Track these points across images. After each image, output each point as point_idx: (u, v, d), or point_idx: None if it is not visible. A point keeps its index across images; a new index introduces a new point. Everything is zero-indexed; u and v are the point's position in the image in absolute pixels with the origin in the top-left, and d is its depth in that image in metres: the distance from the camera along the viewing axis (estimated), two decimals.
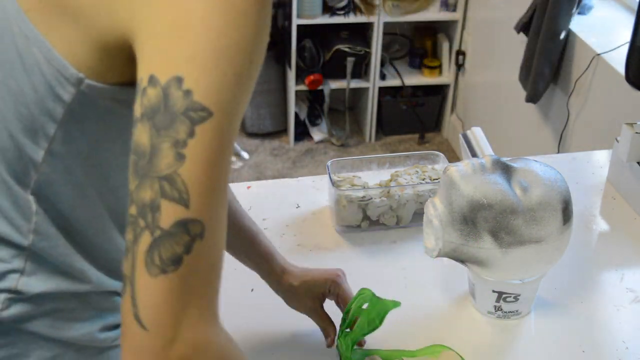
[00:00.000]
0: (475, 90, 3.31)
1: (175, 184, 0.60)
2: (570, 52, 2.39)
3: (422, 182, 1.28)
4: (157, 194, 0.60)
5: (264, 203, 1.33)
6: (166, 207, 0.60)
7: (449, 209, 1.01)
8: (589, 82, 2.29)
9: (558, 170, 1.05)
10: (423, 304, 1.13)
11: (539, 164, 1.05)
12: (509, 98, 2.88)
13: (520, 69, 2.54)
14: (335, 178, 1.27)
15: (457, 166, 1.03)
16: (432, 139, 3.58)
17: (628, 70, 2.00)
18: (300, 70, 3.30)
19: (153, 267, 0.60)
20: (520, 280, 1.06)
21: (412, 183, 1.27)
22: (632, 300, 1.14)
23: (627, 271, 1.20)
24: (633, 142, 1.31)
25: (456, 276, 1.17)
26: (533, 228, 0.99)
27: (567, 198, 1.02)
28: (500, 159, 1.03)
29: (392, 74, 3.44)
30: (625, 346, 1.06)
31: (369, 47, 3.28)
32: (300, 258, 1.20)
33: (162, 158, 0.60)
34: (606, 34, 2.32)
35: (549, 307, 1.12)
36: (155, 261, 0.60)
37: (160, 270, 0.60)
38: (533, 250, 1.00)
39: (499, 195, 0.99)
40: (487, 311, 1.10)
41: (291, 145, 3.44)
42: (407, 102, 3.46)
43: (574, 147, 2.41)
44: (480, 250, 1.00)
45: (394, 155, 1.38)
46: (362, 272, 1.19)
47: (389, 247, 1.25)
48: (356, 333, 0.99)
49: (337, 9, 3.19)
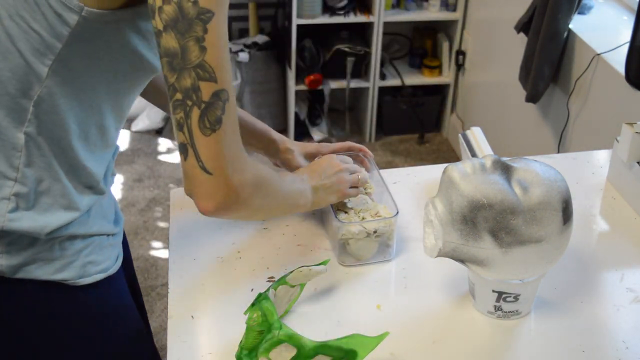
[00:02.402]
0: (475, 90, 3.31)
1: (205, 68, 0.85)
2: (570, 52, 2.39)
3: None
4: (195, 79, 0.85)
5: None
6: (204, 86, 0.86)
7: (449, 209, 1.01)
8: (589, 82, 2.29)
9: (558, 170, 1.05)
10: (423, 304, 1.13)
11: (539, 164, 1.05)
12: (509, 98, 2.88)
13: (520, 69, 2.54)
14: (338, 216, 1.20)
15: (457, 166, 1.03)
16: (432, 139, 3.58)
17: (628, 70, 2.01)
18: (300, 70, 3.30)
19: (205, 130, 0.87)
20: (520, 280, 1.06)
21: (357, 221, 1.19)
22: (632, 300, 1.14)
23: (627, 271, 1.20)
24: (633, 142, 1.31)
25: (456, 276, 1.17)
26: (533, 228, 0.99)
27: (567, 198, 1.02)
28: (500, 159, 1.03)
29: (392, 74, 3.45)
30: (625, 346, 1.06)
31: (369, 47, 3.28)
32: (301, 258, 1.21)
33: (191, 52, 0.85)
34: (606, 34, 2.33)
35: (549, 307, 1.12)
36: (207, 124, 0.87)
37: (211, 130, 0.87)
38: (533, 250, 1.00)
39: (499, 195, 0.99)
40: (487, 311, 1.10)
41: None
42: (407, 102, 3.47)
43: (574, 147, 2.41)
44: (480, 250, 1.00)
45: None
46: (362, 272, 1.19)
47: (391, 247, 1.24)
48: None
49: (337, 9, 3.19)
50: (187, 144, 0.88)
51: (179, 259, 1.20)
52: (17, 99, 0.92)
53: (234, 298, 1.12)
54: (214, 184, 0.89)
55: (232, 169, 0.90)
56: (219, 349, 1.04)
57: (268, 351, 0.94)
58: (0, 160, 0.95)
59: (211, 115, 0.87)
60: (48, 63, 0.91)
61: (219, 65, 0.86)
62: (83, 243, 1.03)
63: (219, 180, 0.89)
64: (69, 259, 1.02)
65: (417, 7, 3.34)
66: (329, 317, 1.10)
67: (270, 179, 1.00)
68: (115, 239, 1.11)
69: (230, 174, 0.90)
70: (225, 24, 0.88)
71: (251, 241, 1.24)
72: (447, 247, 1.02)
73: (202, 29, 0.84)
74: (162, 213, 2.89)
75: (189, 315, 1.10)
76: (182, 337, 1.06)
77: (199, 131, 0.87)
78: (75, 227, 1.01)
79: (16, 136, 0.94)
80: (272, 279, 1.16)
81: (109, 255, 1.08)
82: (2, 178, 0.95)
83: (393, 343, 1.03)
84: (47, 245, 1.00)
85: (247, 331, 0.96)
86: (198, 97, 0.86)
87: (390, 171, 1.43)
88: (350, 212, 1.20)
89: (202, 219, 1.29)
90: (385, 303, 1.13)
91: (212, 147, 0.88)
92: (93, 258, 1.05)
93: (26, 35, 0.90)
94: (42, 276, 1.00)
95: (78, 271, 1.03)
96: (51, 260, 1.01)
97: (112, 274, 1.09)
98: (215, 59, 0.86)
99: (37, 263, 1.00)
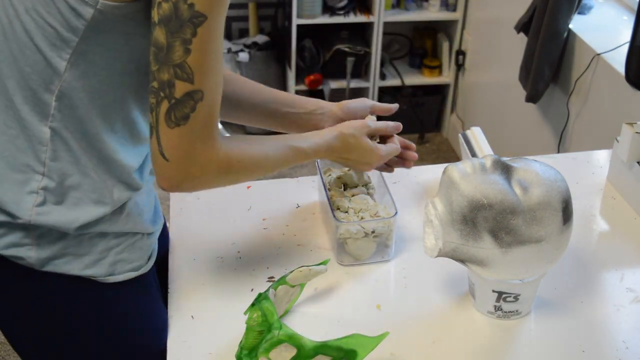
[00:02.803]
0: (475, 90, 3.31)
1: (184, 69, 0.88)
2: (570, 52, 2.39)
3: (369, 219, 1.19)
4: (172, 76, 0.89)
5: (264, 203, 1.33)
6: (178, 84, 0.89)
7: (449, 209, 1.01)
8: (589, 82, 2.29)
9: (558, 170, 1.05)
10: (423, 304, 1.13)
11: (539, 163, 1.05)
12: (509, 98, 2.88)
13: (520, 69, 2.54)
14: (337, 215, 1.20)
15: (457, 166, 1.03)
16: (432, 139, 3.58)
17: (628, 70, 2.01)
18: (300, 70, 3.30)
19: (170, 122, 0.90)
20: (520, 280, 1.06)
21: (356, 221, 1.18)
22: (632, 300, 1.14)
23: (627, 271, 1.20)
24: (633, 142, 1.31)
25: (456, 276, 1.17)
26: (533, 228, 0.99)
27: (567, 198, 1.02)
28: (500, 159, 1.03)
29: (392, 74, 3.44)
30: (625, 346, 1.06)
31: (369, 47, 3.28)
32: (300, 258, 1.21)
33: (175, 52, 0.88)
34: (606, 34, 2.32)
35: (549, 307, 1.12)
36: (172, 119, 0.90)
37: (175, 124, 0.90)
38: (533, 250, 1.00)
39: (499, 195, 0.99)
40: (487, 311, 1.10)
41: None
42: (407, 102, 3.46)
43: (574, 147, 2.41)
44: (480, 250, 1.00)
45: None
46: (362, 272, 1.19)
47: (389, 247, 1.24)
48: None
49: (337, 9, 3.19)
50: (153, 127, 0.92)
51: (179, 259, 1.20)
52: (39, 93, 0.94)
53: (234, 298, 1.12)
54: (171, 170, 0.93)
55: (191, 163, 0.93)
56: (219, 349, 1.04)
57: (268, 351, 0.94)
58: (29, 154, 0.96)
59: (178, 111, 0.90)
60: (66, 57, 0.92)
61: (200, 69, 0.89)
62: (115, 240, 1.04)
63: (176, 169, 0.93)
64: (99, 256, 1.03)
65: (417, 7, 3.34)
66: (329, 317, 1.10)
67: (248, 164, 1.00)
68: (151, 238, 1.10)
69: (189, 167, 0.93)
70: (220, 30, 0.90)
71: (251, 241, 1.24)
72: (447, 247, 1.02)
73: (191, 32, 0.87)
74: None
75: (189, 315, 1.10)
76: (182, 337, 1.06)
77: (164, 122, 0.90)
78: (107, 224, 1.02)
79: (41, 130, 0.96)
80: (272, 279, 1.16)
81: (142, 255, 1.08)
82: (31, 172, 0.97)
83: (393, 343, 1.03)
84: (76, 240, 1.00)
85: (247, 331, 0.96)
86: (170, 93, 0.89)
87: None
88: (349, 212, 1.20)
89: (202, 218, 1.30)
90: (385, 303, 1.13)
91: (174, 139, 0.91)
92: (125, 256, 1.05)
93: (42, 30, 0.91)
94: (70, 271, 1.01)
95: (108, 268, 1.03)
96: (80, 256, 1.01)
97: (144, 273, 1.08)
98: (198, 63, 0.88)
99: (66, 257, 1.00)
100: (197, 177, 0.95)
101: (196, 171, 0.94)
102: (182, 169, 0.93)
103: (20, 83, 0.94)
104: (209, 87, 0.91)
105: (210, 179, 0.97)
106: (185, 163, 0.92)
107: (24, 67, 0.93)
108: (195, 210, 1.32)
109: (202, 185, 0.97)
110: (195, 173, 0.94)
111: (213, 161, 0.95)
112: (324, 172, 1.30)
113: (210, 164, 0.95)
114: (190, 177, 0.94)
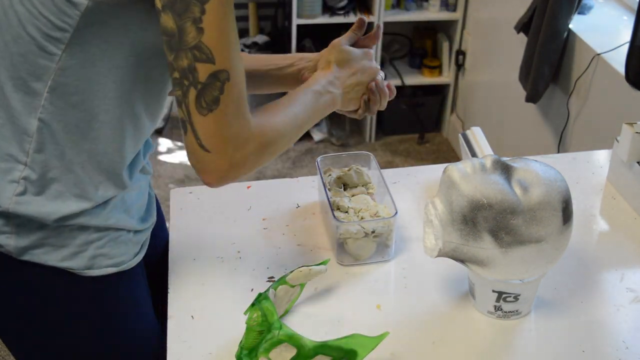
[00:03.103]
0: (475, 90, 3.31)
1: (201, 49, 0.85)
2: (570, 52, 2.39)
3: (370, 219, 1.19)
4: (191, 60, 0.86)
5: (264, 203, 1.33)
6: (200, 67, 0.86)
7: (449, 209, 1.01)
8: (589, 82, 2.29)
9: (558, 170, 1.05)
10: (423, 304, 1.13)
11: (539, 163, 1.05)
12: (509, 98, 2.88)
13: (520, 69, 2.54)
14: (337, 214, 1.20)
15: (457, 166, 1.03)
16: (432, 139, 3.58)
17: (628, 70, 2.01)
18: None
19: (202, 109, 0.87)
20: (520, 280, 1.06)
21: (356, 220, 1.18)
22: (632, 300, 1.14)
23: (627, 271, 1.20)
24: (633, 142, 1.31)
25: (456, 276, 1.17)
26: (533, 228, 0.99)
27: (567, 198, 1.02)
28: (500, 159, 1.03)
29: (392, 74, 3.44)
30: (625, 346, 1.06)
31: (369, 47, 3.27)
32: (301, 258, 1.20)
33: (188, 34, 0.85)
34: (606, 34, 2.33)
35: (549, 307, 1.12)
36: (203, 105, 0.87)
37: (208, 110, 0.87)
38: (533, 250, 1.00)
39: (499, 195, 0.99)
40: (487, 311, 1.10)
41: (291, 145, 3.43)
42: (407, 102, 3.46)
43: (574, 147, 2.41)
44: (480, 250, 1.00)
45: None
46: (362, 272, 1.19)
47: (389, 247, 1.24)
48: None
49: (337, 9, 3.19)
50: (186, 121, 0.89)
51: (179, 259, 1.20)
52: (30, 83, 0.93)
53: (234, 298, 1.12)
54: (214, 160, 0.90)
55: (232, 146, 0.90)
56: (219, 349, 1.04)
57: (268, 351, 0.94)
58: (13, 144, 0.96)
59: (208, 95, 0.87)
60: (61, 47, 0.91)
61: (217, 46, 0.86)
62: (96, 234, 1.03)
63: (219, 157, 0.89)
64: (78, 248, 1.02)
65: (417, 7, 3.34)
66: (329, 317, 1.10)
67: (282, 129, 0.97)
68: (138, 236, 1.10)
69: (231, 152, 0.90)
70: (230, 4, 0.87)
71: (251, 241, 1.24)
72: (447, 247, 1.02)
73: (199, 10, 0.84)
74: None
75: (189, 315, 1.10)
76: (182, 337, 1.06)
77: (196, 110, 0.87)
78: (87, 217, 1.01)
79: (29, 121, 0.94)
80: (272, 279, 1.16)
81: (126, 251, 1.07)
82: (13, 161, 0.96)
83: (393, 343, 1.03)
84: (56, 231, 1.00)
85: (247, 331, 0.96)
86: (195, 78, 0.86)
87: (390, 171, 1.43)
88: (349, 212, 1.20)
89: (202, 218, 1.30)
90: (385, 303, 1.13)
91: (210, 126, 0.88)
92: (106, 251, 1.04)
93: (36, 20, 0.90)
94: (48, 262, 1.01)
95: (86, 262, 1.03)
96: (59, 247, 1.01)
97: (126, 270, 1.08)
98: (214, 40, 0.85)
99: (44, 247, 1.00)
100: (240, 161, 0.91)
101: (238, 155, 0.91)
102: (225, 155, 0.90)
103: (11, 71, 0.93)
104: (232, 65, 0.88)
105: (254, 158, 0.93)
106: (227, 148, 0.89)
107: (17, 56, 0.92)
108: (195, 210, 1.32)
109: (247, 167, 0.93)
110: (237, 157, 0.91)
111: (250, 140, 0.92)
112: (324, 172, 1.30)
113: (249, 143, 0.92)
114: (234, 162, 0.91)
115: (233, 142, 0.90)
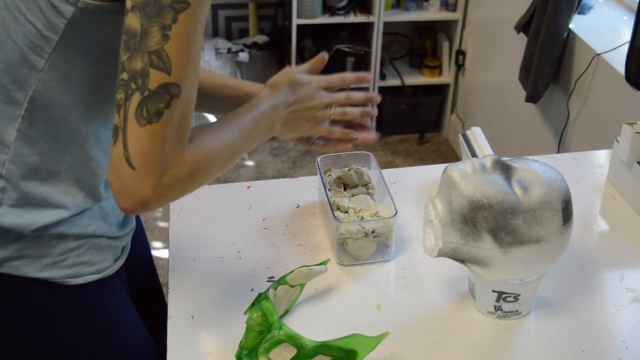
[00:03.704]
0: (475, 90, 3.31)
1: (161, 57, 0.80)
2: (570, 52, 2.39)
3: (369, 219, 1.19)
4: (147, 64, 0.80)
5: (264, 203, 1.33)
6: (154, 74, 0.80)
7: (449, 209, 1.01)
8: (589, 82, 2.29)
9: (558, 170, 1.05)
10: (423, 304, 1.13)
11: (539, 163, 1.05)
12: (509, 98, 2.88)
13: (520, 69, 2.54)
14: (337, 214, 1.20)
15: (457, 166, 1.03)
16: (432, 139, 3.58)
17: (628, 70, 2.01)
18: None
19: (141, 119, 0.80)
20: (520, 280, 1.06)
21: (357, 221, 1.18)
22: (632, 300, 1.14)
23: (627, 271, 1.20)
24: (633, 142, 1.31)
25: (456, 276, 1.17)
26: (533, 228, 0.99)
27: (567, 198, 1.02)
28: (500, 159, 1.03)
29: (392, 74, 3.44)
30: (625, 346, 1.06)
31: (369, 47, 3.28)
32: (301, 258, 1.20)
33: (151, 37, 0.80)
34: (606, 34, 2.32)
35: (549, 307, 1.12)
36: (144, 114, 0.80)
37: (147, 121, 0.81)
38: (533, 250, 1.00)
39: (499, 195, 0.99)
40: (487, 311, 1.10)
41: (291, 145, 3.44)
42: (407, 102, 3.46)
43: (574, 147, 2.41)
44: (480, 250, 1.00)
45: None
46: (362, 272, 1.19)
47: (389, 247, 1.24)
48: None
49: (337, 9, 3.19)
50: (120, 128, 0.82)
51: (179, 259, 1.20)
52: (10, 92, 0.90)
53: (234, 298, 1.12)
54: (137, 180, 0.81)
55: (160, 169, 0.82)
56: (219, 349, 1.04)
57: (268, 351, 0.94)
58: None
59: (152, 105, 0.80)
60: (45, 56, 0.89)
61: (178, 59, 0.81)
62: (76, 243, 1.00)
63: (144, 177, 0.81)
64: (57, 258, 0.99)
65: (417, 7, 3.34)
66: (329, 317, 1.10)
67: (216, 156, 0.90)
68: (117, 242, 1.07)
69: (158, 174, 0.82)
70: (202, 22, 0.83)
71: (251, 241, 1.24)
72: (447, 247, 1.02)
73: (171, 18, 0.80)
74: (162, 213, 2.90)
75: (189, 315, 1.10)
76: (182, 337, 1.06)
77: (134, 118, 0.81)
78: (66, 226, 0.98)
79: (6, 132, 0.92)
80: (272, 279, 1.16)
81: (106, 257, 1.05)
82: None
83: (393, 343, 1.03)
84: (34, 241, 0.97)
85: (247, 331, 0.96)
86: (144, 83, 0.80)
87: (390, 171, 1.43)
88: (349, 212, 1.20)
89: (202, 218, 1.30)
90: (385, 303, 1.13)
91: (143, 139, 0.81)
92: (86, 258, 1.02)
93: (22, 27, 0.88)
94: (28, 273, 0.97)
95: (67, 271, 1.00)
96: (39, 258, 0.98)
97: (109, 277, 1.06)
98: (177, 51, 0.81)
99: (23, 259, 0.97)
100: (166, 185, 0.83)
101: (165, 179, 0.83)
102: (150, 176, 0.81)
103: None
104: (186, 83, 0.82)
105: (180, 185, 0.85)
106: (155, 168, 0.81)
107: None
108: (195, 210, 1.32)
109: (171, 194, 0.85)
110: (163, 181, 0.82)
111: (181, 164, 0.84)
112: (324, 172, 1.30)
113: (179, 167, 0.84)
114: (159, 185, 0.82)
115: (163, 164, 0.82)
